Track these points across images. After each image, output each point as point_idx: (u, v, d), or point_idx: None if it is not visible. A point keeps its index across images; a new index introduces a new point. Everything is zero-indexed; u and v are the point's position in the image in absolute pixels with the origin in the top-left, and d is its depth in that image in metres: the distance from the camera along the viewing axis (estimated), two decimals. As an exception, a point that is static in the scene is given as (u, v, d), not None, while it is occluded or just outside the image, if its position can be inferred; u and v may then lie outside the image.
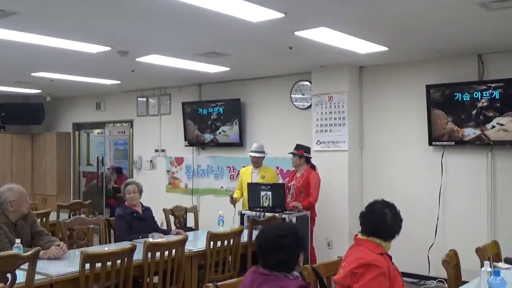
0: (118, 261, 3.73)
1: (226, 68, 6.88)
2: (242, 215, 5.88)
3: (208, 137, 8.20)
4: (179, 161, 8.79)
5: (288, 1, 3.92)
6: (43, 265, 3.63)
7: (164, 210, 6.08)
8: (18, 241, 3.68)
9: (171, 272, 4.17)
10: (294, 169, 6.28)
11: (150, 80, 8.14)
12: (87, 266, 3.54)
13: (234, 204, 6.34)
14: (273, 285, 2.47)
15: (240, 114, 7.82)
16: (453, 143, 5.97)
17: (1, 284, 3.10)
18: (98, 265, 3.59)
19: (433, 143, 6.12)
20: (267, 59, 6.31)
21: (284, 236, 2.53)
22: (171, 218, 6.07)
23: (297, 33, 4.83)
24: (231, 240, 4.69)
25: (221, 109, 8.00)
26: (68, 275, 3.53)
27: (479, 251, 3.75)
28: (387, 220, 2.80)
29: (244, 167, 6.79)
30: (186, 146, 8.50)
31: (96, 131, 10.62)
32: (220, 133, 8.05)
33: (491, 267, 3.00)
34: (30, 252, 3.30)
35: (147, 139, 9.21)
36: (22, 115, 10.27)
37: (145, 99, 9.27)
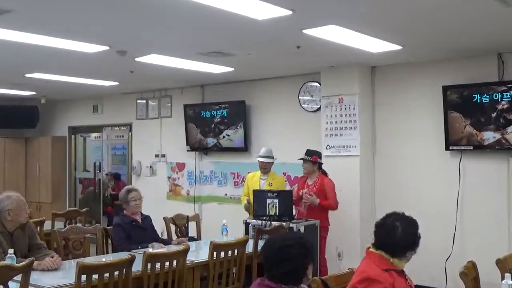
0: (116, 273, 3.74)
1: (230, 69, 6.89)
2: (247, 224, 5.89)
3: (211, 141, 8.20)
4: (181, 166, 8.81)
5: (296, -3, 3.94)
6: (37, 276, 3.66)
7: (164, 218, 6.08)
8: (11, 251, 3.69)
9: (172, 284, 4.17)
10: (302, 175, 6.27)
11: (150, 81, 8.16)
12: (84, 277, 3.54)
13: (249, 210, 6.30)
14: (280, 298, 2.47)
15: (245, 117, 7.83)
16: (472, 147, 5.96)
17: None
18: (95, 276, 3.60)
19: (450, 147, 6.10)
20: (273, 59, 6.32)
21: (290, 246, 2.53)
22: (172, 227, 6.07)
23: (305, 31, 4.84)
24: (236, 251, 4.69)
25: (225, 111, 8.00)
26: (63, 287, 3.55)
27: (499, 262, 3.73)
28: (395, 235, 2.77)
29: (250, 172, 6.79)
30: (188, 151, 8.51)
31: (93, 135, 10.63)
32: (224, 137, 8.06)
33: (512, 280, 2.98)
34: (23, 263, 3.32)
35: (147, 143, 9.22)
36: (15, 118, 10.26)
37: (144, 101, 9.29)
